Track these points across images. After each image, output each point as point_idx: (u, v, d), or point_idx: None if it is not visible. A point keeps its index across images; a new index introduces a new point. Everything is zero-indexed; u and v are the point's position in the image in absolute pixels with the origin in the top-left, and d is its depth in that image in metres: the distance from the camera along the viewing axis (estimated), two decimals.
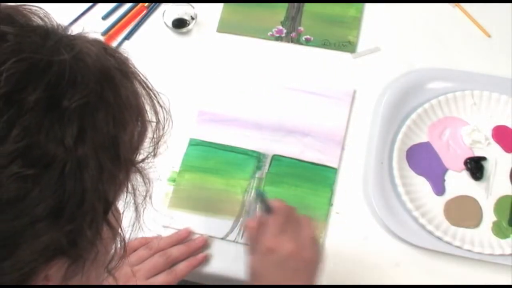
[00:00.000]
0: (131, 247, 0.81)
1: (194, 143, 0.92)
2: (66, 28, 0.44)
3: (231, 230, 0.85)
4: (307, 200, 0.87)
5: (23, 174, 0.37)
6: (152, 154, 0.50)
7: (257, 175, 0.89)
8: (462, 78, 0.94)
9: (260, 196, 0.75)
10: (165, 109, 0.49)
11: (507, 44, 0.98)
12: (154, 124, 0.49)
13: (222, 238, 0.84)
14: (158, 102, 0.49)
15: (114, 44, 1.00)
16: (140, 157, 0.48)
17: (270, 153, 0.91)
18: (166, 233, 0.84)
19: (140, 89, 0.47)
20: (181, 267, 0.80)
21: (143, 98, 0.47)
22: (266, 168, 0.90)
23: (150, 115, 0.48)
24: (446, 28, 1.01)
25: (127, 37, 1.03)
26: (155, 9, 1.05)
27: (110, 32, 1.02)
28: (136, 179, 0.48)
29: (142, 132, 0.47)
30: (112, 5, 1.05)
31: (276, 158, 0.90)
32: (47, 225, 0.39)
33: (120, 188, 0.46)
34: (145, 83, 0.47)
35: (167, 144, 0.51)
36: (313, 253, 0.72)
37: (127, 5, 1.05)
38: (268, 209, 0.74)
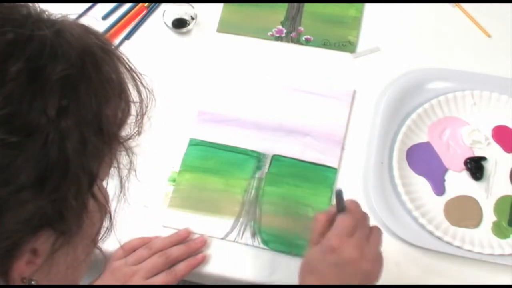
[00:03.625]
0: (130, 246, 0.82)
1: (194, 143, 0.92)
2: (49, 12, 0.46)
3: (231, 230, 0.85)
4: (307, 200, 0.87)
5: (7, 141, 0.39)
6: (137, 132, 0.51)
7: (257, 175, 0.89)
8: (462, 78, 0.94)
9: (338, 194, 0.73)
10: (147, 88, 0.51)
11: (507, 44, 0.98)
12: (137, 104, 0.50)
13: (222, 238, 0.85)
14: (141, 82, 0.50)
15: (114, 44, 1.00)
16: (125, 134, 0.50)
17: (270, 153, 0.91)
18: (166, 233, 0.84)
19: (122, 69, 0.48)
20: (181, 267, 0.80)
21: (125, 78, 0.48)
22: (266, 168, 0.90)
23: (134, 95, 0.49)
24: (446, 28, 1.01)
25: (127, 37, 1.03)
26: (155, 9, 1.05)
27: (110, 32, 1.02)
28: (121, 154, 0.49)
29: (125, 108, 0.48)
30: (112, 5, 1.05)
31: (276, 158, 0.90)
32: (31, 193, 0.40)
33: (104, 161, 0.47)
34: (127, 63, 0.49)
35: (150, 122, 0.52)
36: (373, 267, 0.69)
37: (127, 5, 1.06)
38: (342, 208, 0.73)
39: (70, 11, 0.48)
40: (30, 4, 0.45)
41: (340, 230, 0.70)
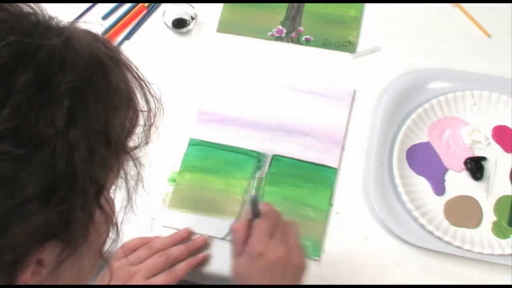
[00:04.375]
0: (130, 246, 0.82)
1: (194, 143, 0.92)
2: (58, 19, 0.45)
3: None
4: (307, 200, 0.87)
5: (14, 154, 0.38)
6: (144, 141, 0.50)
7: (257, 175, 0.89)
8: (462, 78, 0.94)
9: (253, 201, 0.74)
10: (156, 98, 0.50)
11: (507, 44, 0.98)
12: (145, 113, 0.50)
13: (222, 238, 0.84)
14: (149, 91, 0.49)
15: (114, 44, 1.00)
16: (132, 144, 0.49)
17: (270, 153, 0.91)
18: (166, 233, 0.84)
19: (130, 78, 0.48)
20: (181, 267, 0.80)
21: (134, 87, 0.48)
22: (266, 168, 0.90)
23: (141, 104, 0.49)
24: (446, 28, 1.01)
25: (127, 37, 1.03)
26: (155, 9, 1.05)
27: (110, 32, 1.02)
28: (128, 164, 0.49)
29: (133, 118, 0.48)
30: (112, 5, 1.05)
31: (276, 158, 0.90)
32: (38, 205, 0.40)
33: (112, 171, 0.46)
34: (136, 72, 0.48)
35: (158, 131, 0.52)
36: (300, 259, 0.72)
37: (127, 5, 1.06)
38: (257, 213, 0.74)
39: (70, 11, 0.48)
40: (38, 10, 0.44)
41: (261, 234, 0.71)
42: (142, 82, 0.49)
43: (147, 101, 0.49)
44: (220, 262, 0.83)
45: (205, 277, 0.83)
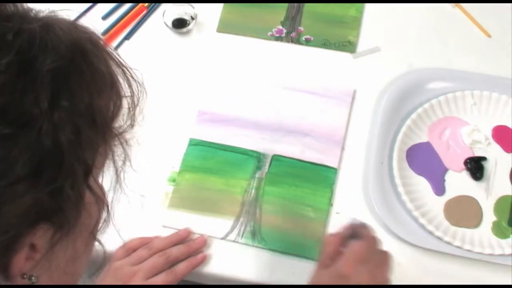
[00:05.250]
0: (130, 247, 0.82)
1: (194, 143, 0.92)
2: (36, 10, 0.46)
3: (231, 230, 0.85)
4: (307, 200, 0.87)
5: (1, 133, 0.39)
6: (130, 125, 0.51)
7: (257, 175, 0.89)
8: (462, 78, 0.94)
9: (355, 223, 0.72)
10: (138, 81, 0.51)
11: (507, 44, 0.98)
12: (129, 98, 0.51)
13: (222, 238, 0.85)
14: (131, 76, 0.50)
15: (114, 44, 1.00)
16: (118, 126, 0.50)
17: (270, 153, 0.91)
18: (166, 233, 0.84)
19: (112, 64, 0.49)
20: (181, 267, 0.80)
21: (116, 71, 0.49)
22: (266, 168, 0.90)
23: (124, 89, 0.50)
24: (446, 28, 1.01)
25: (127, 37, 1.03)
26: (155, 9, 1.05)
27: (110, 32, 1.02)
28: (115, 145, 0.49)
29: (117, 101, 0.49)
30: (112, 5, 1.05)
31: (276, 158, 0.90)
32: (27, 185, 0.41)
33: (99, 152, 0.47)
34: (117, 58, 0.49)
35: (143, 114, 0.52)
36: None
37: (127, 5, 1.05)
38: (355, 234, 0.71)
39: (70, 11, 0.48)
40: (18, 4, 0.45)
41: (353, 256, 0.68)
42: (124, 68, 0.50)
43: (129, 85, 0.50)
44: (220, 262, 0.83)
45: (205, 277, 0.83)
